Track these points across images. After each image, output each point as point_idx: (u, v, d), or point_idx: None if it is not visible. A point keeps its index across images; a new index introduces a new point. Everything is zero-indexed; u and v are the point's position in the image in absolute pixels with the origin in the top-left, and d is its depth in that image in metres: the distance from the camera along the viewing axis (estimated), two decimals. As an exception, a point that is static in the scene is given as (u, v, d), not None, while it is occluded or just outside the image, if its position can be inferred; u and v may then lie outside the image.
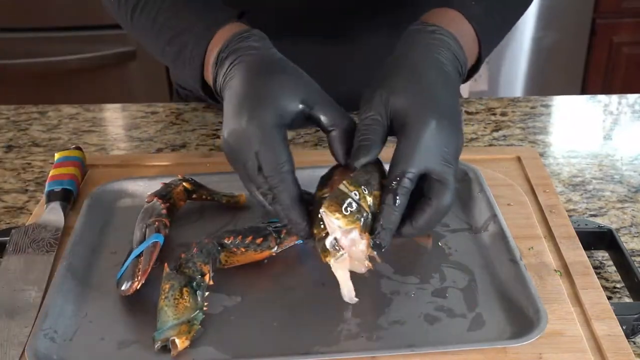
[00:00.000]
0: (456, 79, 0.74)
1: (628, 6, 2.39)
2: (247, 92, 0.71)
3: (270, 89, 0.70)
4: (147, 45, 0.90)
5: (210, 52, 0.77)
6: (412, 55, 0.73)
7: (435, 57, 0.72)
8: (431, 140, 0.66)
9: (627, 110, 1.24)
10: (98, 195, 0.89)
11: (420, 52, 0.73)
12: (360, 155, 0.68)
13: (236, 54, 0.74)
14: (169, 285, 0.69)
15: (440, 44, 0.73)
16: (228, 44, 0.75)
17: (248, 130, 0.68)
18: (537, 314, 0.68)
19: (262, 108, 0.69)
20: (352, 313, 0.71)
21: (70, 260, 0.77)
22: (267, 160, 0.67)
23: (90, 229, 0.83)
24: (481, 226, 0.83)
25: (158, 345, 0.66)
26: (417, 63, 0.71)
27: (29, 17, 2.24)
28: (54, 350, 0.67)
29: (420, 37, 0.74)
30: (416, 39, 0.74)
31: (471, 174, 0.90)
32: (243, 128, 0.68)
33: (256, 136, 0.67)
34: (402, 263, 0.77)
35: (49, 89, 2.27)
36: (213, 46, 0.77)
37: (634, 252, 0.84)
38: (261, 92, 0.70)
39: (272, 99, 0.69)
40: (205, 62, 0.78)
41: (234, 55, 0.74)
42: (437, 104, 0.68)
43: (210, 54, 0.77)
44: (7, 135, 1.15)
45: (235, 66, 0.73)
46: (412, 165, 0.66)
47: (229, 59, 0.74)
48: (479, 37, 0.79)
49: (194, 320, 0.68)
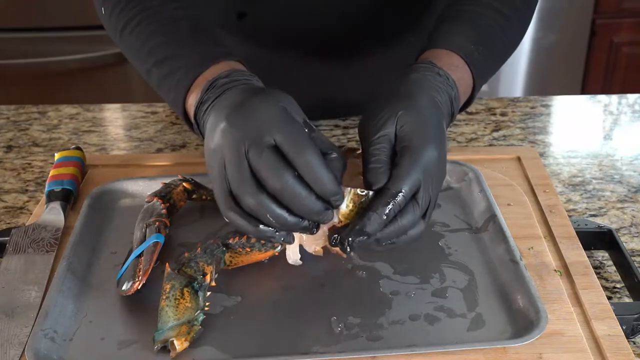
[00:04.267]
0: (447, 120, 0.77)
1: (628, 6, 2.39)
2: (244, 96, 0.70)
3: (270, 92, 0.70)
4: (133, 62, 0.88)
5: (198, 84, 0.76)
6: (420, 90, 0.75)
7: (437, 99, 0.75)
8: (429, 167, 0.69)
9: (627, 110, 1.24)
10: (98, 195, 0.89)
11: (427, 89, 0.75)
12: (379, 180, 0.69)
13: (223, 88, 0.74)
14: (169, 286, 0.69)
15: (443, 88, 0.77)
16: (219, 76, 0.75)
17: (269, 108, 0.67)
18: (537, 314, 0.68)
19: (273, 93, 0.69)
20: (352, 313, 0.71)
21: (70, 260, 0.77)
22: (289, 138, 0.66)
23: (90, 229, 0.83)
24: (481, 226, 0.83)
25: (157, 347, 0.66)
26: (424, 97, 0.74)
27: (28, 17, 2.24)
28: (54, 350, 0.67)
29: (429, 76, 0.77)
30: (425, 77, 0.77)
31: (471, 174, 0.90)
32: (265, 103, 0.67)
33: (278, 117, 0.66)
34: (402, 263, 0.77)
35: (49, 89, 2.27)
36: (202, 80, 0.76)
37: (634, 252, 0.84)
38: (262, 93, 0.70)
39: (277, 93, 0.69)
40: (190, 92, 0.77)
41: (220, 89, 0.74)
42: (437, 137, 0.71)
43: (198, 85, 0.76)
44: (7, 135, 1.15)
45: (222, 95, 0.73)
46: (409, 185, 0.67)
47: (217, 91, 0.74)
48: (475, 80, 0.83)
49: (195, 320, 0.68)
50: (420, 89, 0.75)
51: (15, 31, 2.27)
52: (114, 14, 0.88)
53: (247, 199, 0.65)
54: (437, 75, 0.77)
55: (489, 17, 0.86)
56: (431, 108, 0.73)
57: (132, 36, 0.85)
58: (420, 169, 0.68)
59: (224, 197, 0.67)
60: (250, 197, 0.65)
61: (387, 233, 0.68)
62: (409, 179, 0.67)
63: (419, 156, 0.68)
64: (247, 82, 0.75)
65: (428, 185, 0.68)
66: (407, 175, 0.67)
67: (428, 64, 0.79)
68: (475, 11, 0.86)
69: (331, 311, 0.71)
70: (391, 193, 0.67)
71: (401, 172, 0.68)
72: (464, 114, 1.17)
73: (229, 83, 0.74)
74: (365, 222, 0.67)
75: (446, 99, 0.77)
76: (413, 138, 0.69)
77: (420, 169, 0.68)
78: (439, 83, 0.77)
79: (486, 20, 0.86)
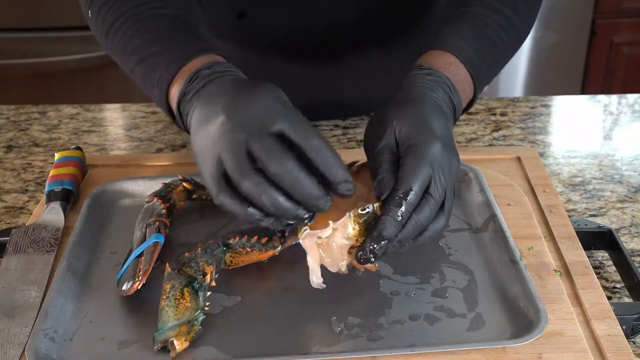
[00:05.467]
0: (450, 116, 0.77)
1: (628, 6, 2.39)
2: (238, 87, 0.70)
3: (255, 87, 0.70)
4: (118, 62, 0.88)
5: (181, 76, 0.77)
6: (412, 93, 0.76)
7: (431, 95, 0.76)
8: (435, 158, 0.68)
9: (627, 110, 1.24)
10: (98, 195, 0.89)
11: (418, 90, 0.76)
12: (385, 189, 0.68)
13: (207, 78, 0.74)
14: (170, 286, 0.69)
15: (436, 85, 0.77)
16: (201, 67, 0.75)
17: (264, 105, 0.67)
18: (537, 314, 0.68)
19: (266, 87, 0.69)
20: (352, 313, 0.71)
21: (70, 260, 0.77)
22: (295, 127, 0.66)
23: (90, 229, 0.83)
24: (481, 226, 0.83)
25: (157, 347, 0.66)
26: (416, 99, 0.75)
27: (28, 17, 2.24)
28: (54, 350, 0.67)
29: (419, 79, 0.78)
30: (415, 80, 0.78)
31: (471, 174, 0.90)
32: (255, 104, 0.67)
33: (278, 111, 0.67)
34: (402, 263, 0.77)
35: (49, 89, 2.27)
36: (184, 72, 0.76)
37: (634, 252, 0.84)
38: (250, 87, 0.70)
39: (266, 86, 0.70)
40: (172, 85, 0.77)
41: (204, 80, 0.74)
42: (437, 130, 0.71)
43: (180, 77, 0.76)
44: (7, 135, 1.15)
45: (207, 85, 0.73)
46: (418, 181, 0.67)
47: (199, 82, 0.74)
48: (474, 79, 0.83)
49: (195, 320, 0.68)
50: (412, 91, 0.76)
51: (15, 31, 2.27)
52: (100, 16, 0.88)
53: (243, 180, 0.64)
54: (427, 75, 0.78)
55: (489, 17, 0.86)
56: (426, 105, 0.73)
57: (115, 37, 0.85)
58: (426, 163, 0.67)
59: (217, 179, 0.66)
60: (246, 178, 0.64)
61: (406, 233, 0.67)
62: (415, 175, 0.67)
63: (422, 151, 0.68)
64: (233, 74, 0.75)
65: (439, 177, 0.68)
66: (412, 172, 0.67)
67: (418, 67, 0.79)
68: (474, 12, 0.86)
69: (331, 311, 0.71)
70: (401, 193, 0.67)
71: (406, 170, 0.68)
72: (464, 114, 1.17)
73: (213, 74, 0.74)
74: (380, 227, 0.66)
75: (442, 94, 0.77)
76: (413, 137, 0.69)
77: (426, 162, 0.67)
78: (430, 81, 0.77)
79: (484, 20, 0.86)
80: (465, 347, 0.66)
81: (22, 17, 2.24)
